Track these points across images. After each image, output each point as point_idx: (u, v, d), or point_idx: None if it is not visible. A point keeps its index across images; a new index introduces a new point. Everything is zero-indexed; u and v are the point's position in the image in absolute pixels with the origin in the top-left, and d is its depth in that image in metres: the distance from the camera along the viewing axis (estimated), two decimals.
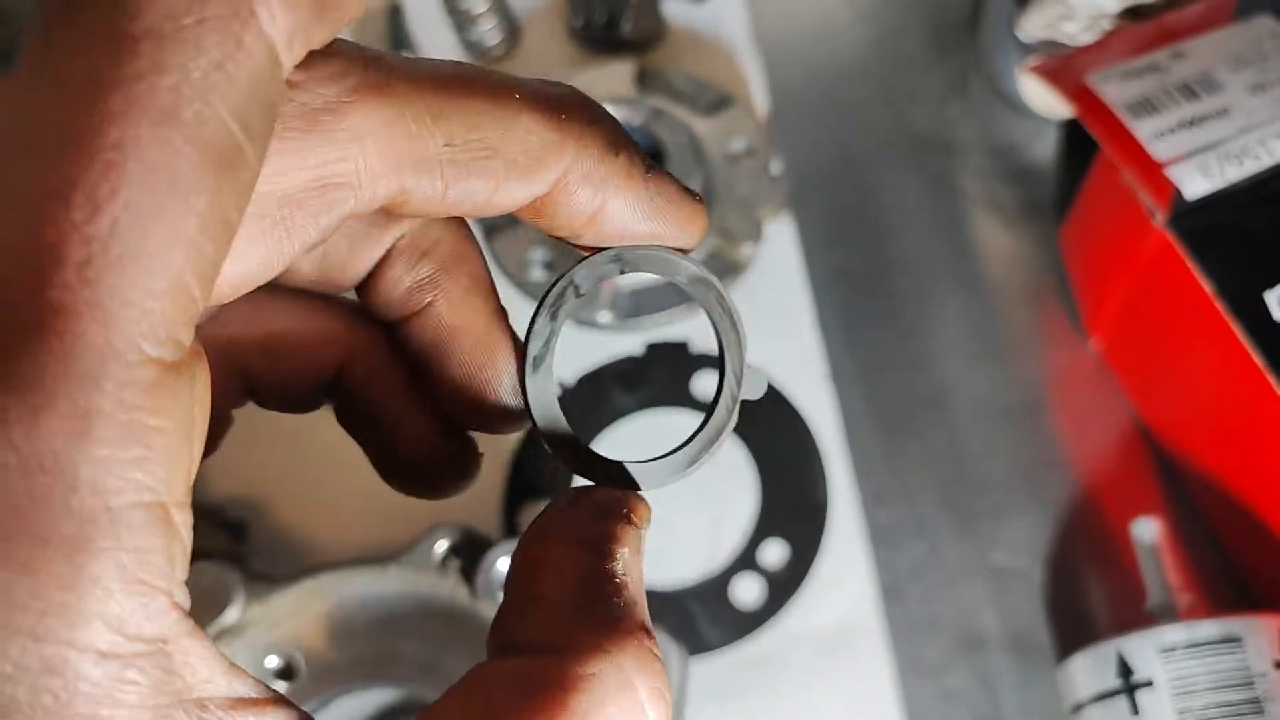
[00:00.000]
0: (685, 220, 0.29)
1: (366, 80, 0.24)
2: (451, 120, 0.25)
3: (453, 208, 0.26)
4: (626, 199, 0.27)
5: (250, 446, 0.69)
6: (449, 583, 0.49)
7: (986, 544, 0.63)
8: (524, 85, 0.26)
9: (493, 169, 0.25)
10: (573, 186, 0.26)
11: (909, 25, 0.81)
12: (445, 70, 0.25)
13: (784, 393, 0.67)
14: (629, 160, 0.27)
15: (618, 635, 0.25)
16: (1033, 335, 0.70)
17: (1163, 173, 0.55)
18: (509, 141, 0.25)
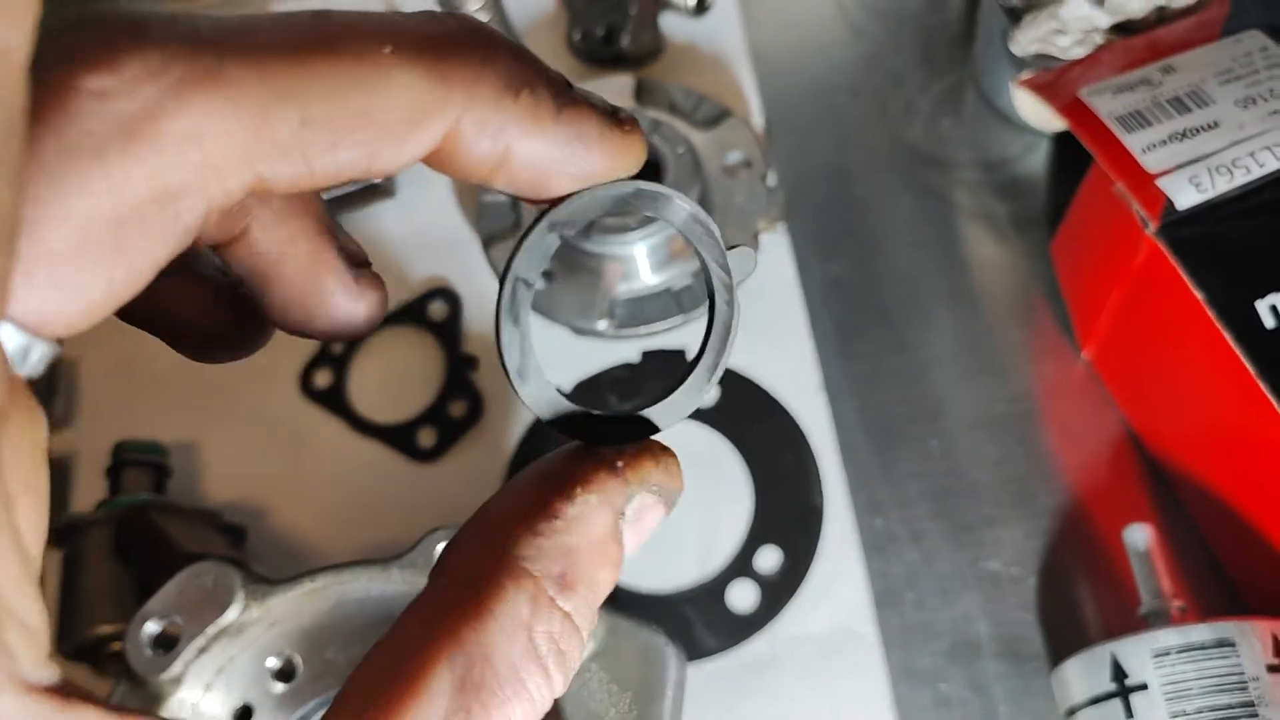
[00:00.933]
0: (612, 153, 0.26)
1: (192, 71, 0.21)
2: (306, 94, 0.22)
3: (327, 181, 0.23)
4: (535, 142, 0.25)
5: (248, 452, 0.70)
6: None
7: (980, 552, 0.64)
8: (400, 31, 0.23)
9: (364, 138, 0.23)
10: (468, 137, 0.24)
11: (903, 41, 0.82)
12: (297, 32, 0.22)
13: (779, 401, 0.67)
14: (533, 100, 0.25)
15: (518, 574, 0.25)
16: (1025, 347, 0.70)
17: (1154, 184, 0.56)
18: (380, 105, 0.23)
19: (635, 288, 0.67)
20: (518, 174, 0.25)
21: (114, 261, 0.21)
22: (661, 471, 0.29)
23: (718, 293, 0.29)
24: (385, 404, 0.70)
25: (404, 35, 0.23)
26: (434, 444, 0.68)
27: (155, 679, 0.48)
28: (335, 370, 0.71)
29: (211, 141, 0.21)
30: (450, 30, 0.24)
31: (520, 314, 0.26)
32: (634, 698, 0.47)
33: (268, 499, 0.68)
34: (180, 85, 0.21)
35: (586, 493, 0.27)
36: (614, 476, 0.28)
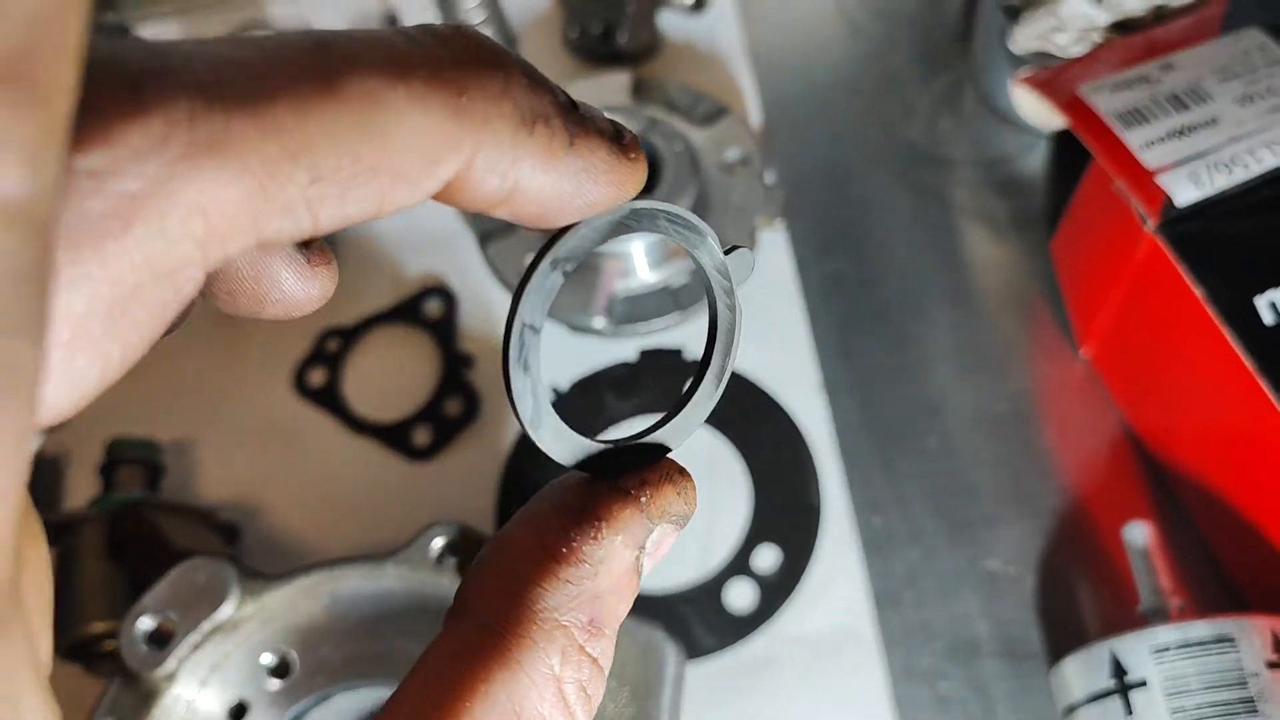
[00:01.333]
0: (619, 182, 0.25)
1: (195, 140, 0.19)
2: (316, 150, 0.20)
3: (330, 230, 0.21)
4: (546, 178, 0.24)
5: (242, 451, 0.69)
6: (445, 580, 0.49)
7: (979, 551, 0.63)
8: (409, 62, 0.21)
9: (374, 188, 0.21)
10: (478, 175, 0.23)
11: (901, 40, 0.82)
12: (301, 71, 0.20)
13: (778, 400, 0.67)
14: (547, 135, 0.23)
15: (548, 625, 0.25)
16: (1023, 345, 0.70)
17: (1153, 180, 0.56)
18: (392, 153, 0.21)
19: (633, 285, 0.67)
20: (523, 208, 0.24)
21: (109, 348, 0.19)
22: (682, 501, 0.28)
23: (718, 298, 0.28)
24: (380, 402, 0.70)
25: (414, 67, 0.21)
26: (429, 443, 0.67)
27: (149, 675, 0.48)
28: (330, 368, 0.71)
29: (217, 211, 0.19)
30: (462, 55, 0.22)
31: (530, 360, 0.25)
32: (632, 693, 0.46)
33: (262, 497, 0.67)
34: (186, 155, 0.19)
35: (612, 533, 0.26)
36: (638, 512, 0.27)
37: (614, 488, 0.27)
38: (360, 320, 0.72)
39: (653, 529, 0.27)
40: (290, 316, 0.27)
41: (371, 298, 0.73)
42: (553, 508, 0.27)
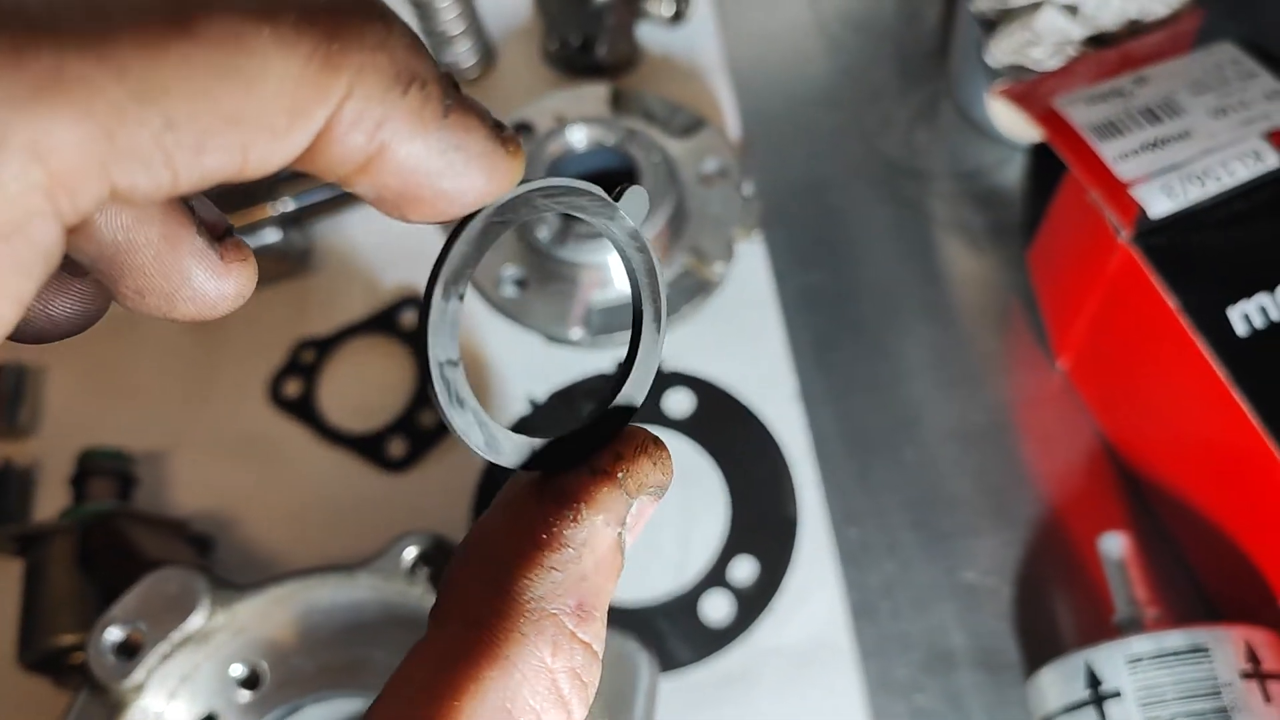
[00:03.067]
0: (490, 171, 0.23)
1: (25, 75, 0.17)
2: (170, 92, 0.18)
3: (191, 189, 0.20)
4: (414, 145, 0.22)
5: (216, 462, 0.69)
6: (418, 590, 0.49)
7: (956, 563, 0.63)
8: (280, 5, 0.20)
9: (236, 138, 0.19)
10: (342, 130, 0.21)
11: (879, 53, 0.82)
12: (154, 7, 0.18)
13: (754, 411, 0.67)
14: (420, 98, 0.21)
15: (538, 617, 0.24)
16: (1000, 357, 0.70)
17: (1128, 192, 0.56)
18: (257, 101, 0.19)
19: (610, 296, 0.67)
20: (385, 180, 0.22)
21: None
22: (659, 472, 0.28)
23: (624, 245, 0.27)
24: (355, 414, 0.69)
25: (283, 8, 0.20)
26: (405, 454, 0.67)
27: (117, 686, 0.47)
28: (305, 379, 0.70)
29: (57, 156, 0.17)
30: (340, 2, 0.21)
31: (461, 394, 0.25)
32: (605, 705, 0.46)
33: (236, 509, 0.67)
34: (13, 95, 0.17)
35: (592, 513, 0.26)
36: (616, 489, 0.26)
37: (589, 468, 0.27)
38: (335, 331, 0.72)
39: (632, 504, 0.27)
40: (205, 317, 0.25)
41: (346, 309, 0.73)
42: (528, 495, 0.27)
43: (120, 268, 0.23)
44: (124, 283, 0.24)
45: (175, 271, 0.24)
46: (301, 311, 0.73)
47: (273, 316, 0.73)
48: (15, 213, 0.17)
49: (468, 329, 0.71)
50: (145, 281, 0.24)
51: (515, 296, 0.68)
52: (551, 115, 0.73)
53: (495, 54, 0.81)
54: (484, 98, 0.78)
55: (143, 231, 0.23)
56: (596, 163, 0.70)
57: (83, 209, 0.18)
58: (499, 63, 0.81)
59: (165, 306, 0.24)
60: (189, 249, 0.24)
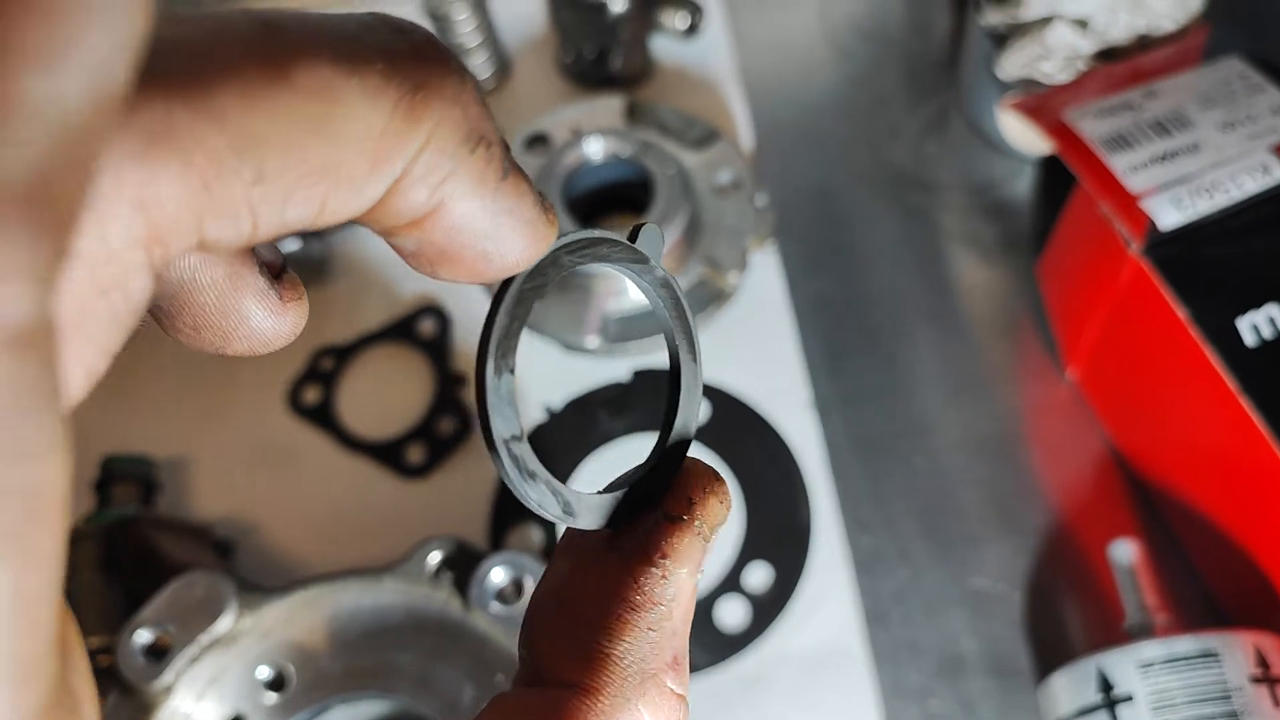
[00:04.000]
0: (534, 238, 0.23)
1: (137, 126, 0.17)
2: (264, 145, 0.18)
3: (266, 239, 0.19)
4: (471, 205, 0.21)
5: (237, 468, 0.69)
6: (442, 594, 0.50)
7: (967, 569, 0.64)
8: (364, 51, 0.19)
9: (318, 191, 0.19)
10: (410, 184, 0.20)
11: (889, 64, 0.83)
12: (248, 53, 0.18)
13: (768, 419, 0.68)
14: (485, 157, 0.21)
15: (640, 679, 0.24)
16: (1009, 367, 0.71)
17: (1138, 205, 0.57)
18: (342, 151, 0.19)
19: (625, 305, 0.68)
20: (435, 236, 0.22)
21: (71, 371, 0.17)
22: (724, 508, 0.28)
23: (651, 286, 0.27)
24: (374, 421, 0.70)
25: (371, 57, 0.19)
26: (423, 461, 0.68)
27: (147, 688, 0.48)
28: (324, 387, 0.71)
29: (159, 209, 0.17)
30: (420, 49, 0.20)
31: (531, 467, 0.24)
32: None
33: (256, 515, 0.68)
34: (124, 147, 0.17)
35: (677, 565, 0.26)
36: (694, 536, 0.26)
37: (668, 517, 0.26)
38: (354, 339, 0.73)
39: (708, 548, 0.27)
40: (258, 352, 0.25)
41: (366, 317, 0.74)
42: (605, 549, 0.26)
43: (181, 306, 0.23)
44: (182, 319, 0.23)
45: (235, 311, 0.23)
46: (320, 319, 0.74)
47: None
48: (117, 268, 0.17)
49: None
50: (204, 319, 0.23)
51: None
52: (567, 127, 0.74)
53: (510, 65, 0.82)
54: (500, 109, 0.79)
55: (208, 273, 0.23)
56: (612, 174, 0.71)
57: (169, 260, 0.18)
58: (514, 74, 0.82)
59: (220, 343, 0.24)
60: (251, 289, 0.23)
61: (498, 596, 0.47)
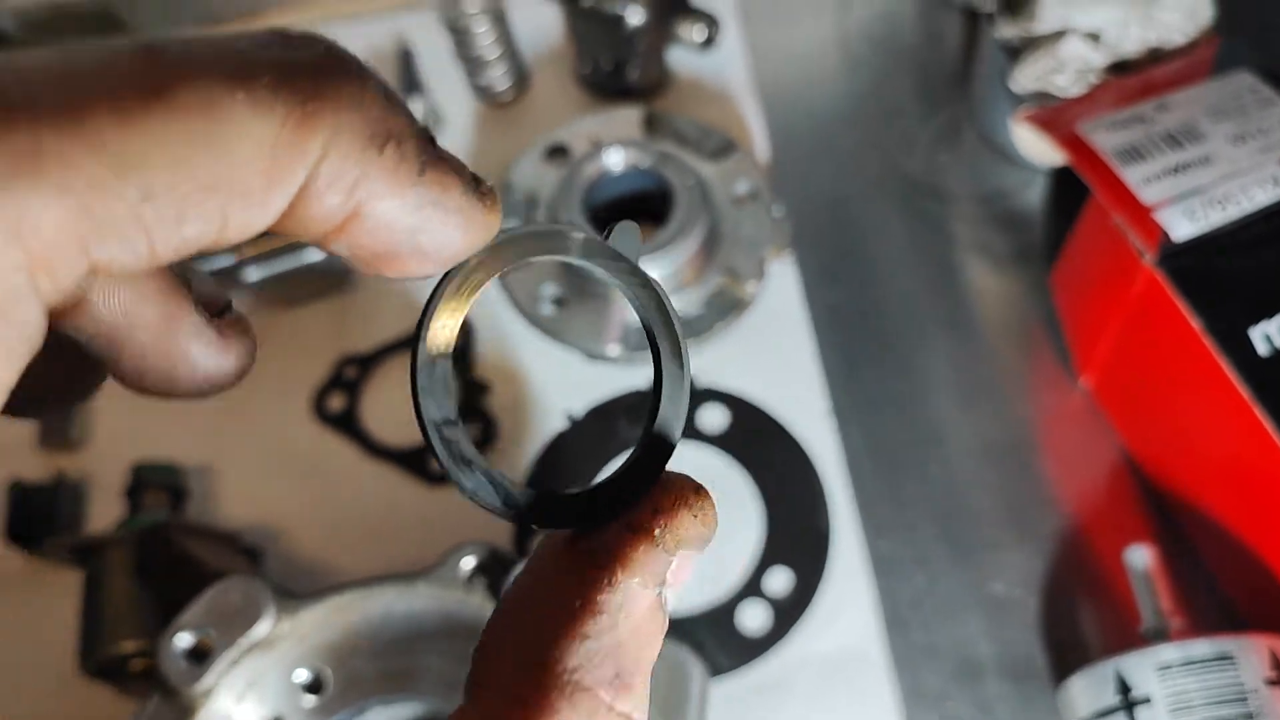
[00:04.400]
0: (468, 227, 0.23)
1: (13, 157, 0.17)
2: (147, 164, 0.18)
3: (171, 259, 0.20)
4: (391, 203, 0.22)
5: (263, 475, 0.71)
6: (476, 599, 0.51)
7: (983, 575, 0.65)
8: (252, 66, 0.20)
9: (214, 206, 0.19)
10: (318, 192, 0.21)
11: (902, 75, 0.85)
12: (127, 77, 0.19)
13: (787, 426, 0.69)
14: (396, 155, 0.21)
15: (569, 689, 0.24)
16: (1023, 375, 0.72)
17: (1151, 216, 0.58)
18: (233, 167, 0.19)
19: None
20: (362, 239, 0.22)
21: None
22: (700, 524, 0.26)
23: (627, 285, 0.27)
24: (398, 428, 0.71)
25: (258, 71, 0.20)
26: None
27: (188, 690, 0.49)
28: (348, 394, 0.72)
29: (37, 236, 0.18)
30: (315, 61, 0.21)
31: (467, 453, 0.24)
32: (660, 708, 0.48)
33: (283, 521, 0.69)
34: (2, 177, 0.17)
35: (628, 575, 0.24)
36: (653, 547, 0.25)
37: (625, 524, 0.25)
38: (377, 348, 0.74)
39: (672, 561, 0.25)
40: (205, 395, 0.25)
41: (387, 326, 0.75)
42: (560, 555, 0.25)
43: (119, 347, 0.23)
44: (123, 362, 0.23)
45: (174, 351, 0.24)
46: (343, 329, 0.75)
47: (314, 333, 0.75)
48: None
49: (505, 346, 0.73)
50: (144, 362, 0.24)
51: (554, 315, 0.70)
52: (586, 138, 0.75)
53: (529, 77, 0.83)
54: (518, 119, 0.80)
55: (141, 312, 0.23)
56: (632, 185, 0.72)
57: (64, 287, 0.19)
58: (533, 85, 0.84)
59: (166, 386, 0.24)
60: (188, 327, 0.24)
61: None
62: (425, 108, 0.80)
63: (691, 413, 0.70)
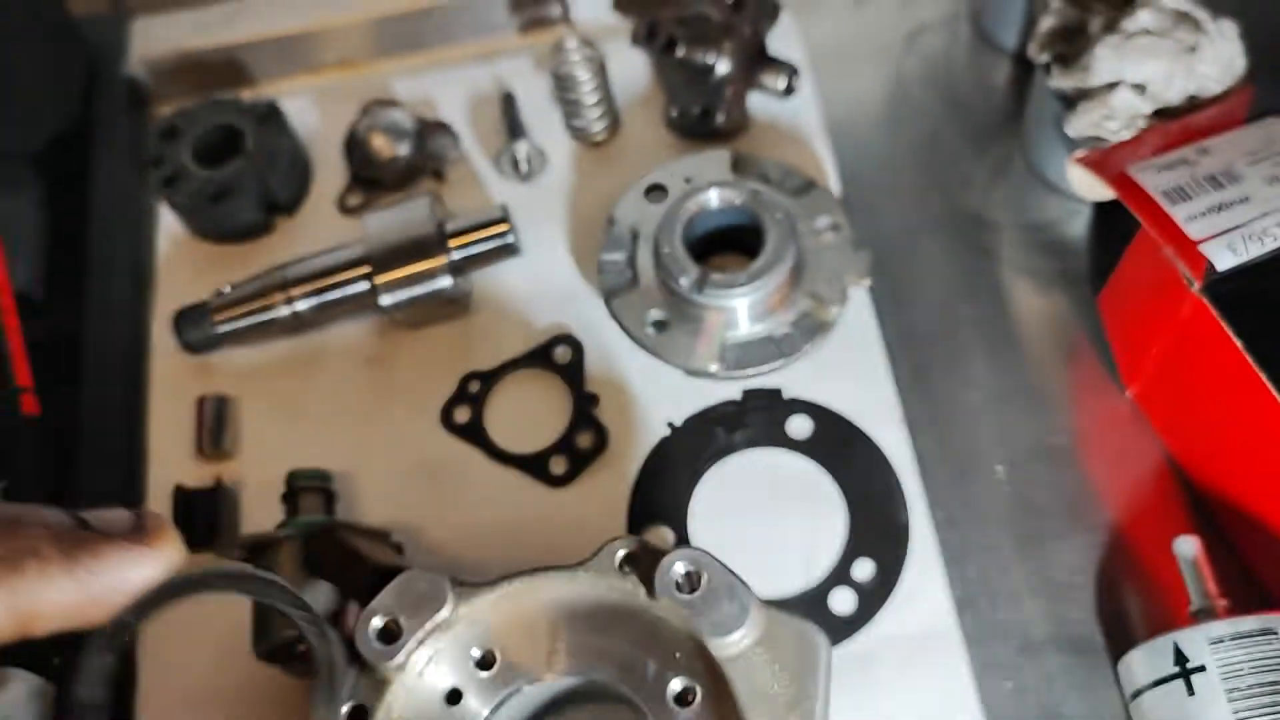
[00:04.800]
0: (136, 564, 0.33)
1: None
2: None
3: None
4: (54, 595, 0.31)
5: (397, 480, 0.79)
6: (628, 585, 0.59)
7: (1044, 563, 0.74)
8: None
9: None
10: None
11: (956, 117, 0.94)
12: None
13: (867, 432, 0.78)
14: (38, 565, 0.31)
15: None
16: (1072, 386, 0.81)
17: (1197, 249, 0.66)
18: None
19: (740, 334, 0.77)
20: (50, 623, 0.31)
21: None
22: None
23: (307, 633, 0.35)
24: (519, 436, 0.80)
25: None
26: (565, 471, 0.77)
27: (382, 665, 0.57)
28: (472, 407, 0.81)
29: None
30: None
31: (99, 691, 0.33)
32: (791, 676, 0.56)
33: (418, 521, 0.77)
34: None
35: None
36: None
37: None
38: (498, 365, 0.82)
39: None
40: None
41: (506, 345, 0.83)
42: None
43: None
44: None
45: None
46: (465, 348, 0.83)
47: (440, 353, 0.83)
48: None
49: (613, 363, 0.81)
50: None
51: (656, 335, 0.78)
52: (681, 176, 0.83)
53: (620, 119, 0.92)
54: (613, 159, 0.89)
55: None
56: (727, 219, 0.81)
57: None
58: (624, 127, 0.92)
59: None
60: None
61: (677, 586, 0.57)
62: (529, 148, 0.89)
63: (782, 422, 0.78)
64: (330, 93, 0.98)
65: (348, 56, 1.00)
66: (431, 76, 0.98)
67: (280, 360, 0.84)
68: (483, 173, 0.92)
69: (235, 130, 0.90)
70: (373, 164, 0.89)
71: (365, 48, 1.00)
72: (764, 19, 0.86)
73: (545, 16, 0.99)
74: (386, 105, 0.90)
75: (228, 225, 0.89)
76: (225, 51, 0.98)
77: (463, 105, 0.95)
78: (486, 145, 0.93)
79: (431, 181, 0.91)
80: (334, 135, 0.93)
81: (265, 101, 0.91)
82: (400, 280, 0.79)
